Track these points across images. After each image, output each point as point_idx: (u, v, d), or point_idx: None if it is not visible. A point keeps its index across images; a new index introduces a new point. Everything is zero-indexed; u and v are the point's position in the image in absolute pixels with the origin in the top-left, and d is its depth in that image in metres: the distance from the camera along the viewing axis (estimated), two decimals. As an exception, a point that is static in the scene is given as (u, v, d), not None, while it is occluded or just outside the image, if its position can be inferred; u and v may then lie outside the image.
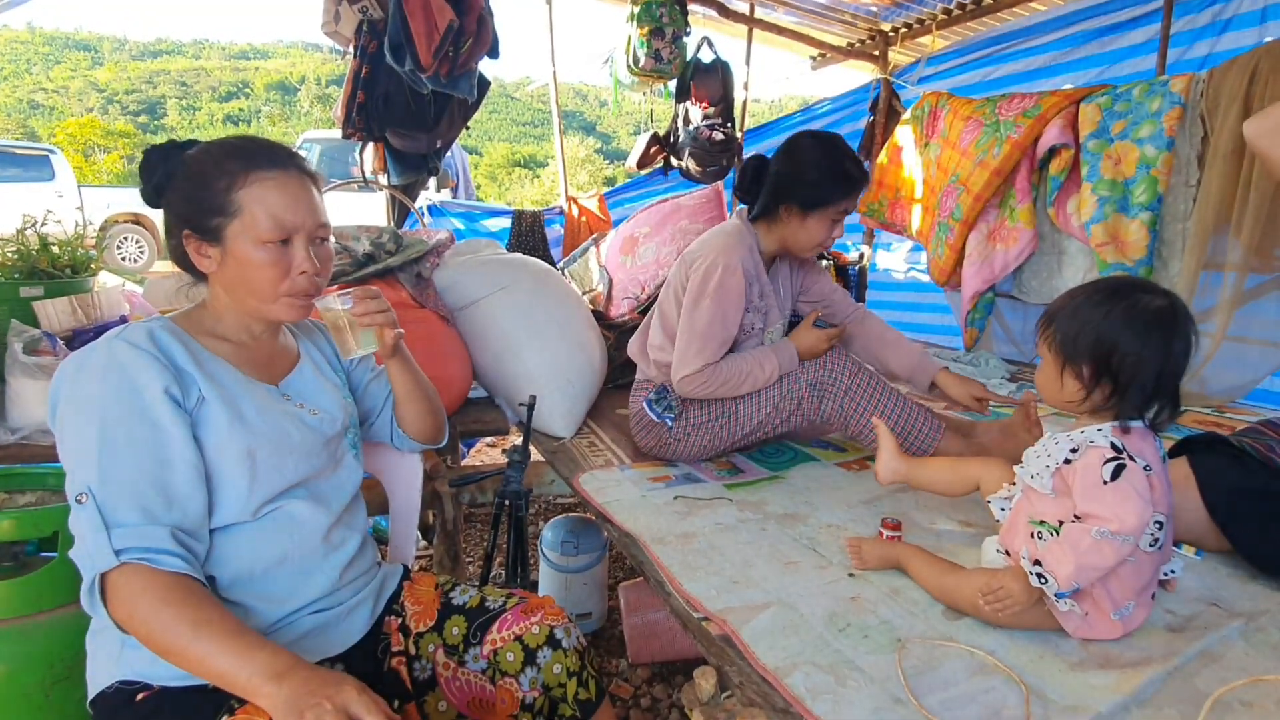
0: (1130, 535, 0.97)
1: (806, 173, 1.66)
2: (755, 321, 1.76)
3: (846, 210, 1.69)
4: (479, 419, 2.07)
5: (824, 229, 1.69)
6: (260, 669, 0.81)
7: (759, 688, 0.98)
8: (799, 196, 1.67)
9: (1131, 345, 1.00)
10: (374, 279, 1.98)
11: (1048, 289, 2.66)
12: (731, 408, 1.72)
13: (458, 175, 6.08)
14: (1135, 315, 1.01)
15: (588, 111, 54.67)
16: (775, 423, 1.73)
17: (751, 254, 1.74)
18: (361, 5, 2.87)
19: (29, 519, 1.31)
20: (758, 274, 1.75)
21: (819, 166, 1.66)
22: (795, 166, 1.68)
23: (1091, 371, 1.03)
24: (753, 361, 1.68)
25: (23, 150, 9.56)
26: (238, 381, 1.03)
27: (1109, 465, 0.99)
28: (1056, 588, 1.00)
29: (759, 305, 1.76)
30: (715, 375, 1.66)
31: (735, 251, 1.68)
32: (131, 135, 24.97)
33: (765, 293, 1.77)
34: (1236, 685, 0.98)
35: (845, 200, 1.67)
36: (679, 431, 1.75)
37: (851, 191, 1.68)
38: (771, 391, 1.71)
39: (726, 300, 1.66)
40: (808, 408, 1.71)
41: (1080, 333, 1.03)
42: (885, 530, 1.34)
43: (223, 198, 0.99)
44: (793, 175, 1.68)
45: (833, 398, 1.68)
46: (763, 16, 4.19)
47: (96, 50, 60.71)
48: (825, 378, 1.68)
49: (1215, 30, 2.82)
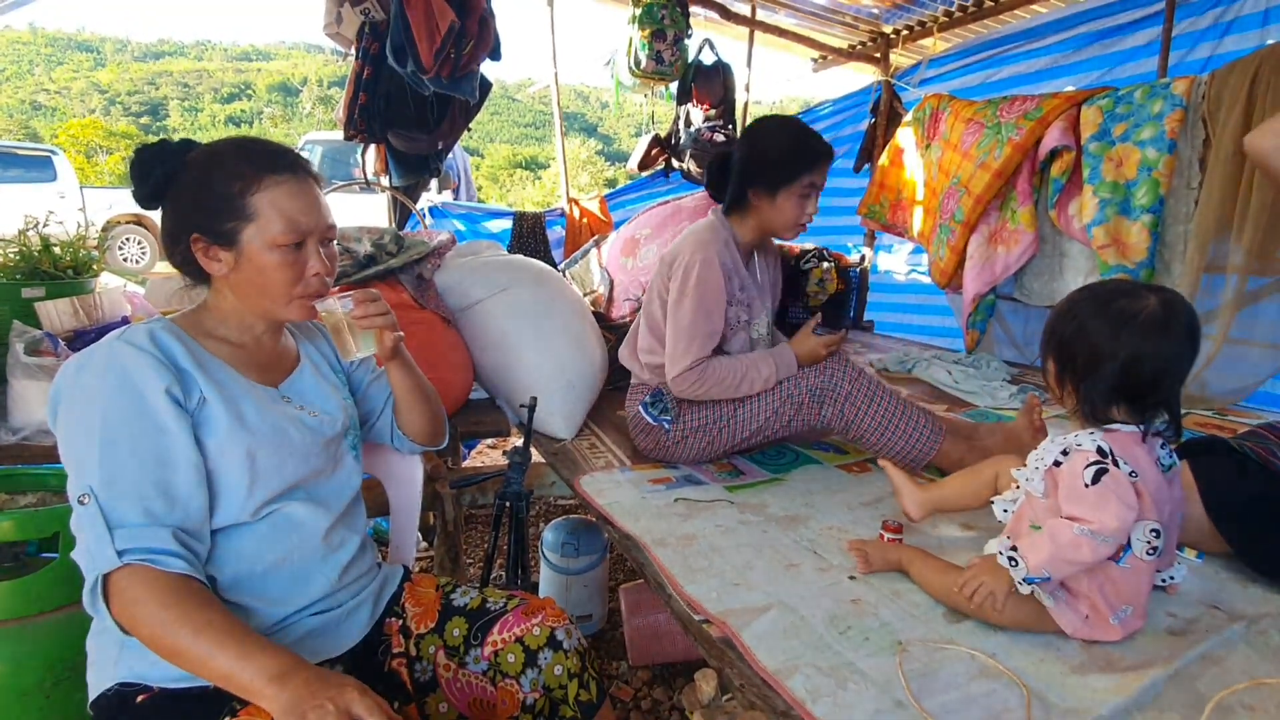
0: (1110, 537, 0.98)
1: (768, 152, 1.68)
2: (739, 314, 1.76)
3: (815, 185, 1.69)
4: (480, 420, 2.07)
5: (795, 206, 1.69)
6: (262, 670, 0.81)
7: (760, 690, 0.98)
8: (764, 177, 1.68)
9: (1086, 344, 1.02)
10: (375, 280, 1.98)
11: (1049, 291, 2.66)
12: (730, 411, 1.72)
13: (459, 177, 6.08)
14: (1105, 317, 1.02)
15: (589, 113, 54.70)
16: (775, 427, 1.73)
17: (728, 248, 1.74)
18: (364, 7, 2.87)
19: (30, 520, 1.31)
20: (735, 267, 1.75)
21: (779, 144, 1.67)
22: (756, 148, 1.70)
23: (1056, 372, 1.07)
24: (749, 364, 1.68)
25: (25, 151, 9.58)
26: (238, 383, 1.03)
27: (1090, 469, 1.01)
28: (1025, 572, 1.01)
29: (740, 298, 1.76)
30: (708, 374, 1.66)
31: (711, 246, 1.69)
32: (134, 136, 25.00)
33: (746, 285, 1.78)
34: (1238, 688, 0.98)
35: (810, 173, 1.67)
36: (677, 434, 1.75)
37: (815, 163, 1.67)
38: (770, 396, 1.71)
39: (707, 295, 1.67)
40: (807, 413, 1.70)
41: (1051, 334, 1.09)
42: (886, 533, 1.34)
43: (236, 201, 0.99)
44: (754, 157, 1.69)
45: (832, 403, 1.68)
46: (764, 19, 4.20)
47: (99, 51, 60.82)
48: (825, 383, 1.68)
49: (1217, 33, 2.82)
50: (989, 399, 2.41)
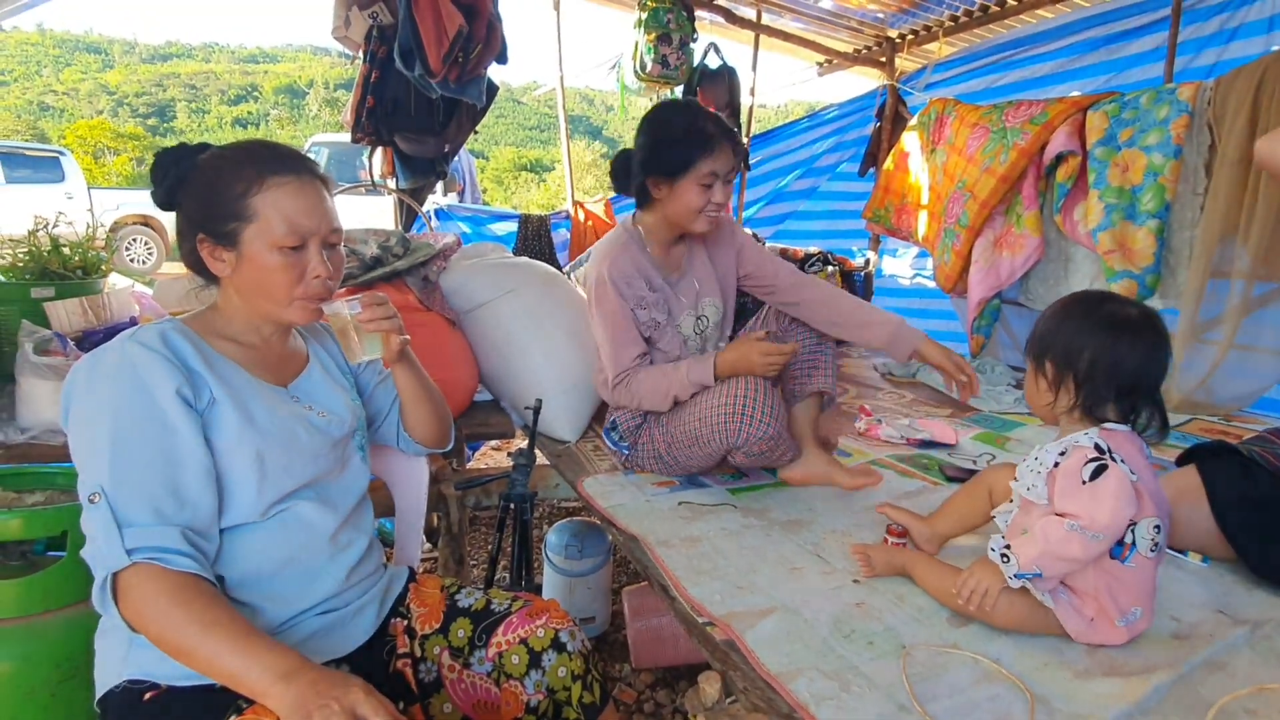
0: (1101, 533, 0.99)
1: (661, 139, 1.60)
2: (655, 316, 1.70)
3: (715, 173, 1.58)
4: (485, 422, 2.07)
5: (695, 194, 1.59)
6: (268, 669, 0.81)
7: (763, 693, 0.98)
8: (660, 165, 1.60)
9: (1088, 344, 1.05)
10: (381, 282, 1.99)
11: (1054, 296, 2.65)
12: (668, 439, 1.63)
13: (464, 179, 6.11)
14: (1096, 319, 1.07)
15: (594, 116, 54.78)
16: (711, 451, 1.56)
17: (630, 250, 1.69)
18: (372, 10, 2.89)
19: (38, 518, 1.32)
20: (640, 269, 1.69)
21: (672, 131, 1.60)
22: (651, 136, 1.63)
23: (1054, 372, 1.09)
24: (669, 372, 1.61)
25: (33, 151, 9.65)
26: (247, 383, 1.04)
27: (1090, 465, 1.02)
28: (1016, 568, 1.02)
29: (651, 298, 1.69)
30: (634, 386, 1.64)
31: (608, 256, 1.68)
32: (141, 138, 25.08)
33: (658, 285, 1.71)
34: (1241, 694, 0.98)
35: (707, 159, 1.56)
36: (637, 460, 1.74)
37: (710, 148, 1.56)
38: (691, 419, 1.56)
39: (608, 307, 1.65)
40: (722, 435, 1.51)
41: (1043, 336, 1.11)
42: (890, 537, 1.34)
43: (239, 202, 1.00)
44: (650, 145, 1.62)
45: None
46: (769, 23, 4.21)
47: (107, 53, 61.12)
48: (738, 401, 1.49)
49: (1223, 38, 2.82)
50: (993, 404, 2.41)
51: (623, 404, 1.69)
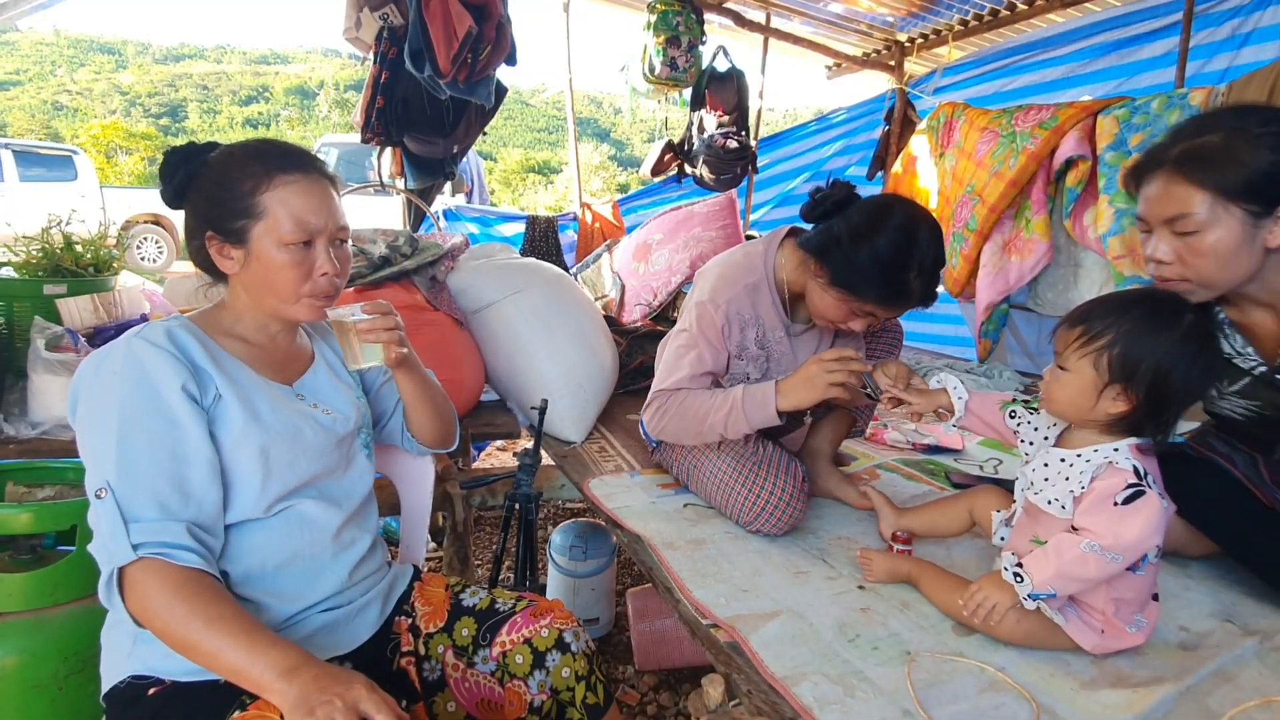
0: (1121, 555, 0.96)
1: (861, 249, 1.31)
2: (748, 370, 1.50)
3: (875, 315, 1.38)
4: (491, 422, 2.08)
5: (838, 311, 1.39)
6: (272, 665, 0.82)
7: (767, 696, 0.98)
8: (835, 263, 1.35)
9: (1178, 365, 0.97)
10: (389, 281, 2.00)
11: (1063, 301, 2.64)
12: (689, 472, 1.56)
13: (473, 180, 6.12)
14: (1180, 333, 0.97)
15: (602, 118, 54.88)
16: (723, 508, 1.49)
17: (756, 293, 1.48)
18: (382, 12, 2.91)
19: (48, 512, 1.33)
20: (760, 317, 1.49)
21: (878, 257, 1.31)
22: (856, 235, 1.33)
23: (1123, 381, 0.98)
24: (716, 392, 1.41)
25: (47, 150, 9.74)
26: (253, 381, 1.04)
27: (1127, 491, 0.98)
28: (1030, 588, 1.00)
29: (752, 353, 1.49)
30: (668, 405, 1.46)
31: (728, 290, 1.47)
32: (153, 138, 25.27)
33: (766, 344, 1.50)
34: (1249, 706, 0.97)
35: (878, 305, 1.35)
36: (662, 457, 1.71)
37: (891, 302, 1.35)
38: (711, 482, 1.49)
39: (704, 333, 1.47)
40: (737, 515, 1.44)
41: (1131, 354, 0.98)
42: (896, 544, 1.34)
43: (247, 200, 1.01)
44: (847, 240, 1.33)
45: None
46: (778, 26, 4.21)
47: (120, 54, 61.65)
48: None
49: (1235, 44, 2.80)
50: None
51: (649, 423, 1.52)
